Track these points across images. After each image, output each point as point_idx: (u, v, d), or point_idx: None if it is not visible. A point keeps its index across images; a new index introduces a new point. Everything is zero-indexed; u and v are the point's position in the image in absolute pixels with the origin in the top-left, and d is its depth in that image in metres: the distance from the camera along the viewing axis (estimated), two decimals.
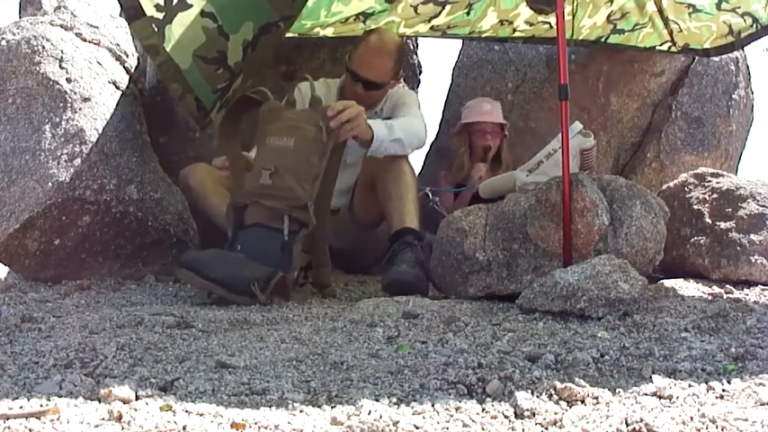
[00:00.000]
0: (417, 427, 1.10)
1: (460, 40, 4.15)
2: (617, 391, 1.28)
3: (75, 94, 2.63)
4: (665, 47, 3.72)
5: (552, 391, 1.26)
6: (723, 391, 1.27)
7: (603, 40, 3.70)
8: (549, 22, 3.48)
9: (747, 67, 4.13)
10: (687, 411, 1.13)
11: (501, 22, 3.54)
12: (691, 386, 1.30)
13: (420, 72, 4.15)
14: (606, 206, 2.13)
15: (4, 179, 2.51)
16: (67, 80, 2.64)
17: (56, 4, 3.19)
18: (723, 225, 2.56)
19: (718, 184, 2.68)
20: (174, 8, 2.40)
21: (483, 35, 3.71)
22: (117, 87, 2.85)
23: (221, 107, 2.85)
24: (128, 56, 3.07)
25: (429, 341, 1.66)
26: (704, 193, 2.68)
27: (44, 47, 2.68)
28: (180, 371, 1.41)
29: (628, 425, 1.08)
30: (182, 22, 2.43)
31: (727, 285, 2.42)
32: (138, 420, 1.09)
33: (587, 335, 1.68)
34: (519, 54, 4.04)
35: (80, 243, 2.52)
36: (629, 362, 1.47)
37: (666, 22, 3.49)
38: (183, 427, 1.07)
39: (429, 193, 3.28)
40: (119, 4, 2.40)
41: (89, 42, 2.90)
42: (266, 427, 1.09)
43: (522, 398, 1.22)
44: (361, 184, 2.95)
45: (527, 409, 1.18)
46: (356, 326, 1.84)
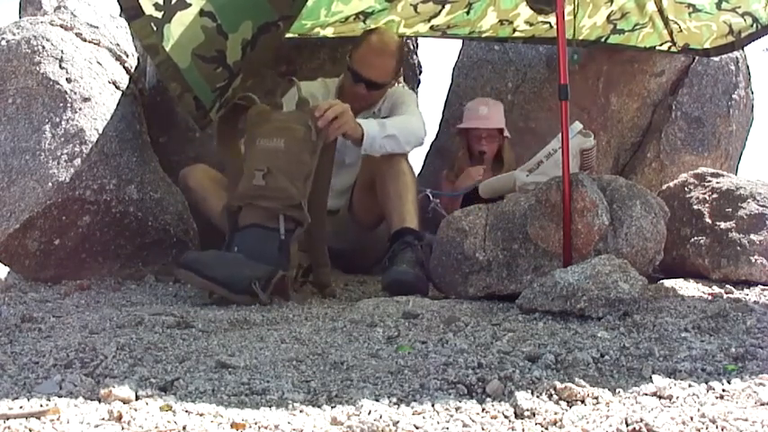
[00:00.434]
0: (417, 427, 1.10)
1: (460, 40, 4.15)
2: (617, 391, 1.28)
3: (75, 94, 2.63)
4: (665, 47, 3.72)
5: (552, 391, 1.26)
6: (723, 391, 1.27)
7: (603, 40, 3.70)
8: (549, 22, 3.48)
9: (747, 67, 4.13)
10: (687, 411, 1.13)
11: (501, 21, 3.54)
12: (691, 386, 1.30)
13: (420, 72, 4.15)
14: (606, 206, 2.13)
15: (4, 179, 2.51)
16: (67, 80, 2.64)
17: (56, 4, 3.19)
18: (723, 225, 2.55)
19: (718, 184, 2.68)
20: (173, 7, 2.40)
21: (483, 35, 3.70)
22: (117, 87, 2.85)
23: (221, 107, 2.85)
24: (128, 56, 3.07)
25: (429, 341, 1.66)
26: (704, 193, 2.68)
27: (44, 47, 2.68)
28: (180, 371, 1.41)
29: (628, 425, 1.08)
30: (181, 21, 2.43)
31: (727, 285, 2.42)
32: (138, 420, 1.09)
33: (587, 335, 1.68)
34: (519, 54, 4.04)
35: (80, 243, 2.52)
36: (629, 362, 1.47)
37: (666, 21, 3.49)
38: (183, 427, 1.07)
39: (430, 194, 3.29)
40: (118, 3, 2.40)
41: (89, 42, 2.90)
42: (266, 427, 1.09)
43: (522, 398, 1.22)
44: (361, 184, 2.95)
45: (527, 409, 1.18)
46: (356, 326, 1.84)
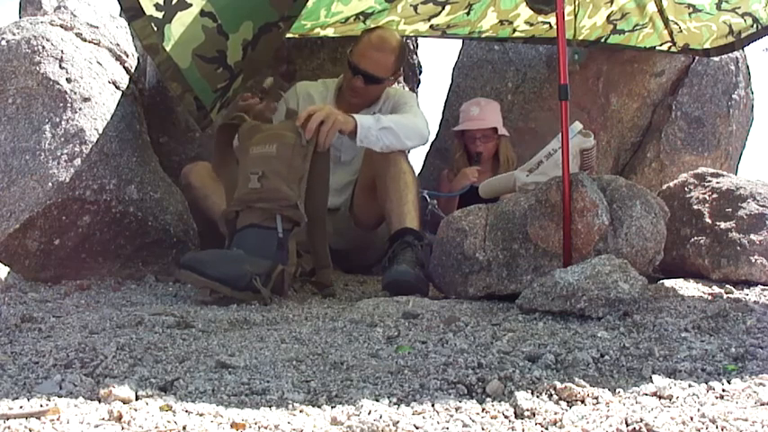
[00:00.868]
0: (417, 427, 1.10)
1: (460, 40, 4.16)
2: (617, 391, 1.28)
3: (75, 94, 2.63)
4: (665, 47, 3.72)
5: (552, 391, 1.26)
6: (723, 391, 1.27)
7: (603, 41, 3.71)
8: (549, 22, 3.49)
9: (747, 67, 4.13)
10: (687, 411, 1.13)
11: (501, 22, 3.55)
12: (691, 386, 1.30)
13: (420, 72, 4.16)
14: (606, 206, 2.13)
15: (4, 179, 2.51)
16: (67, 80, 2.64)
17: (56, 4, 3.19)
18: (723, 225, 2.55)
19: (718, 184, 2.68)
20: (174, 7, 2.40)
21: (483, 35, 3.71)
22: (117, 87, 2.85)
23: (221, 107, 2.85)
24: (128, 56, 3.06)
25: (429, 341, 1.66)
26: (704, 193, 2.68)
27: (44, 47, 2.68)
28: (180, 371, 1.41)
29: (628, 425, 1.08)
30: (181, 21, 2.43)
31: (727, 285, 2.42)
32: (138, 420, 1.09)
33: (587, 335, 1.68)
34: (519, 54, 4.04)
35: (80, 243, 2.52)
36: (629, 362, 1.47)
37: (666, 22, 3.50)
38: (183, 427, 1.07)
39: (427, 196, 3.29)
40: (119, 4, 2.40)
41: (89, 42, 2.90)
42: (266, 427, 1.09)
43: (522, 398, 1.22)
44: (361, 185, 2.95)
45: (527, 409, 1.18)
46: (356, 326, 1.84)
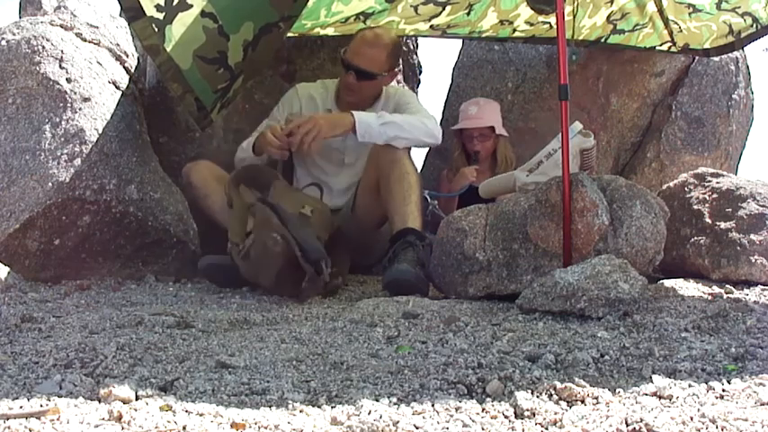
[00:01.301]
0: (417, 427, 1.10)
1: (460, 40, 4.16)
2: (617, 391, 1.28)
3: (75, 94, 2.63)
4: (665, 47, 3.72)
5: (552, 391, 1.26)
6: (723, 391, 1.27)
7: (603, 41, 3.70)
8: (549, 22, 3.48)
9: (747, 67, 4.13)
10: (687, 411, 1.13)
11: (501, 22, 3.54)
12: (691, 386, 1.30)
13: (420, 72, 4.16)
14: (606, 206, 2.13)
15: (4, 179, 2.51)
16: (67, 80, 2.64)
17: (56, 4, 3.19)
18: (723, 225, 2.55)
19: (718, 184, 2.68)
20: (175, 8, 2.40)
21: (483, 35, 3.71)
22: (117, 87, 2.85)
23: (222, 107, 2.85)
24: (128, 56, 3.07)
25: (429, 341, 1.66)
26: (704, 193, 2.68)
27: (44, 47, 2.68)
28: (180, 371, 1.42)
29: (628, 425, 1.08)
30: (182, 22, 2.43)
31: (727, 285, 2.42)
32: (138, 420, 1.09)
33: (587, 335, 1.68)
34: (519, 54, 4.04)
35: (80, 243, 2.52)
36: (629, 362, 1.47)
37: (666, 22, 3.49)
38: (183, 427, 1.07)
39: (427, 196, 3.29)
40: (119, 4, 2.40)
41: (89, 42, 2.90)
42: (266, 427, 1.09)
43: (522, 398, 1.22)
44: (364, 185, 2.94)
45: (527, 409, 1.18)
46: (356, 326, 1.84)
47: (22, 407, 1.14)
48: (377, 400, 1.23)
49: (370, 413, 1.15)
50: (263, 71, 3.33)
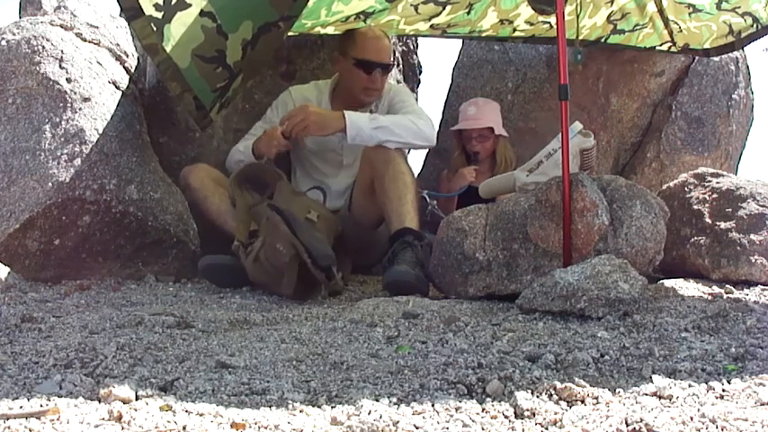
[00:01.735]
0: (417, 427, 1.10)
1: (460, 40, 4.15)
2: (617, 391, 1.28)
3: (75, 94, 2.63)
4: (665, 47, 3.72)
5: (552, 391, 1.26)
6: (723, 391, 1.27)
7: (604, 41, 3.70)
8: (550, 22, 3.48)
9: (747, 67, 4.13)
10: (687, 411, 1.13)
11: (501, 21, 3.54)
12: (691, 386, 1.30)
13: (420, 72, 4.16)
14: (606, 206, 2.13)
15: (4, 179, 2.51)
16: (67, 80, 2.64)
17: (56, 4, 3.19)
18: (723, 225, 2.55)
19: (718, 184, 2.68)
20: (174, 8, 2.40)
21: (483, 34, 3.71)
22: (117, 87, 2.85)
23: (221, 107, 2.85)
24: (128, 56, 3.06)
25: (429, 341, 1.66)
26: (704, 193, 2.68)
27: (44, 47, 2.68)
28: (180, 371, 1.42)
29: (628, 425, 1.08)
30: (181, 21, 2.43)
31: (727, 285, 2.42)
32: (138, 420, 1.09)
33: (587, 335, 1.68)
34: (519, 54, 4.04)
35: (80, 243, 2.52)
36: (629, 362, 1.47)
37: (666, 22, 3.49)
38: (183, 427, 1.07)
39: (426, 196, 3.29)
40: (118, 4, 2.40)
41: (89, 42, 2.90)
42: (266, 427, 1.09)
43: (522, 398, 1.22)
44: (360, 185, 2.94)
45: (527, 409, 1.18)
46: (356, 326, 1.84)
47: (22, 407, 1.14)
48: (377, 400, 1.23)
49: (370, 413, 1.15)
50: (262, 71, 3.33)
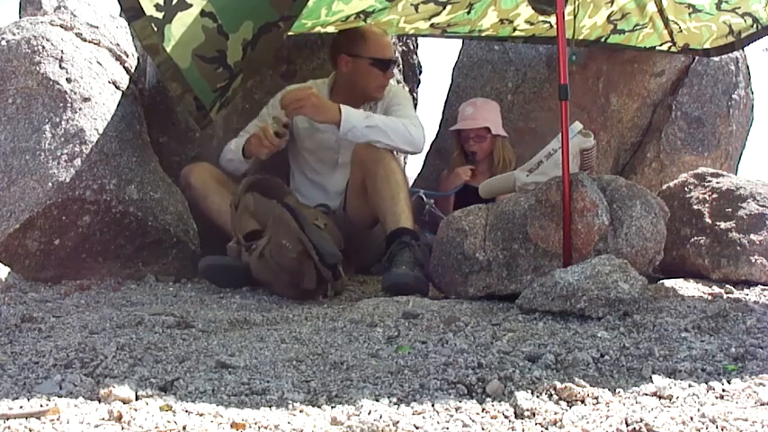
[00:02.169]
0: (417, 427, 1.10)
1: (460, 40, 4.15)
2: (617, 391, 1.28)
3: (75, 94, 2.63)
4: (665, 47, 3.72)
5: (552, 391, 1.26)
6: (723, 391, 1.27)
7: (603, 41, 3.70)
8: (550, 22, 3.48)
9: (747, 67, 4.13)
10: (687, 411, 1.13)
11: (501, 21, 3.54)
12: (691, 386, 1.30)
13: (420, 72, 4.16)
14: (606, 206, 2.13)
15: (4, 179, 2.51)
16: (67, 80, 2.64)
17: (56, 4, 3.19)
18: (723, 225, 2.55)
19: (718, 184, 2.68)
20: (174, 8, 2.40)
21: (483, 34, 3.71)
22: (117, 87, 2.84)
23: (221, 107, 2.85)
24: (128, 56, 3.06)
25: (429, 341, 1.66)
26: (704, 193, 2.68)
27: (44, 47, 2.68)
28: (180, 371, 1.42)
29: (628, 425, 1.08)
30: (181, 21, 2.43)
31: (727, 285, 2.42)
32: (138, 420, 1.09)
33: (587, 335, 1.68)
34: (519, 54, 4.04)
35: (80, 243, 2.52)
36: (629, 362, 1.47)
37: (666, 22, 3.49)
38: (183, 427, 1.07)
39: (423, 196, 3.29)
40: (119, 4, 2.40)
41: (89, 42, 2.90)
42: (266, 427, 1.09)
43: (522, 398, 1.22)
44: (352, 186, 2.93)
45: (527, 409, 1.18)
46: (356, 326, 1.84)
47: (22, 407, 1.14)
48: (377, 400, 1.23)
49: (370, 413, 1.15)
50: (262, 71, 3.33)
